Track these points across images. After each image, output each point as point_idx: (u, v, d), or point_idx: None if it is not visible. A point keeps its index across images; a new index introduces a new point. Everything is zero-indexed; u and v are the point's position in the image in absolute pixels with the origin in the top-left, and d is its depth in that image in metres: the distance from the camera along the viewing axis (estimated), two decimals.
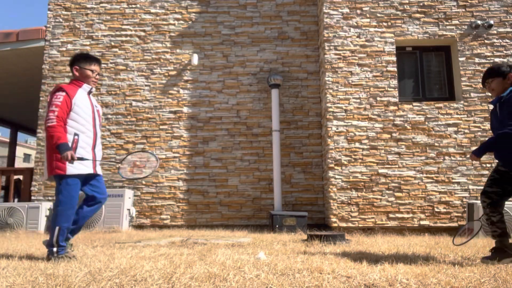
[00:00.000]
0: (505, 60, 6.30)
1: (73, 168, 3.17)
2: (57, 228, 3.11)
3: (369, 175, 5.96)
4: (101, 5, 7.37)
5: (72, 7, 7.37)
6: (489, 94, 6.25)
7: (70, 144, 3.17)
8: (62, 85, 3.30)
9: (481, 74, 6.27)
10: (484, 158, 6.03)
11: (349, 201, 5.94)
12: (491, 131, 3.42)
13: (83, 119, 3.29)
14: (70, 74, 7.10)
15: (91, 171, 3.29)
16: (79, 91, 3.34)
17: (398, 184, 5.93)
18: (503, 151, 3.13)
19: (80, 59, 3.42)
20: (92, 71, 3.41)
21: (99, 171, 3.41)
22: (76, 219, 3.27)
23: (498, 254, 3.06)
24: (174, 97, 7.04)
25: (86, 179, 3.33)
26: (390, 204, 5.88)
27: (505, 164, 3.14)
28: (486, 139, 6.05)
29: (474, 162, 6.04)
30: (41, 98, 7.07)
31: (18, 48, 7.73)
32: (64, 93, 3.23)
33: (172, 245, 4.18)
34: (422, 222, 5.84)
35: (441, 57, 6.68)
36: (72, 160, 3.08)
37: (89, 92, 3.43)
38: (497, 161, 3.26)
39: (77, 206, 3.28)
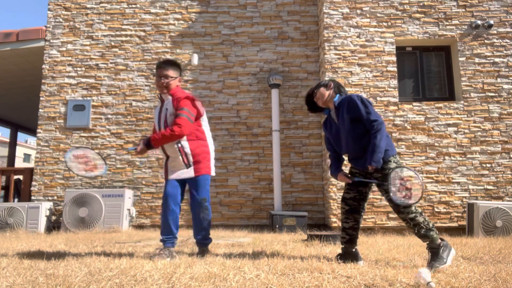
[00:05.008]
0: (505, 60, 6.30)
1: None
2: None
3: None
4: (101, 5, 7.37)
5: (72, 7, 7.37)
6: (489, 94, 6.28)
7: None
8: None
9: (481, 74, 6.31)
10: (484, 158, 6.05)
11: None
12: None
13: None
14: (71, 74, 7.18)
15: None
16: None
17: None
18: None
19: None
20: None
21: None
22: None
23: (343, 258, 3.06)
24: None
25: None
26: None
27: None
28: (486, 139, 6.10)
29: (474, 162, 6.05)
30: (41, 98, 7.06)
31: (18, 48, 7.72)
32: None
33: None
34: None
35: (441, 57, 6.68)
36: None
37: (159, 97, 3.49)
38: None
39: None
